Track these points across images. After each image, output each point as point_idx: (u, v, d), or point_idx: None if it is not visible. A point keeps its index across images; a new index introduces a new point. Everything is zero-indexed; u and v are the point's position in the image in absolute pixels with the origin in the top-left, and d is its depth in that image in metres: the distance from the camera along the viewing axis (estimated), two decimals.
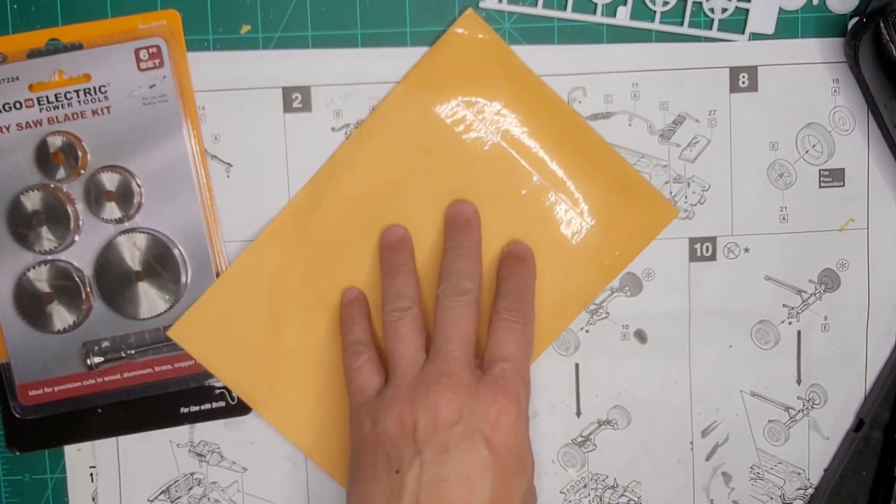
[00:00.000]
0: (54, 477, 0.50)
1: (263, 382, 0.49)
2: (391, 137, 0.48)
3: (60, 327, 0.48)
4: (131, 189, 0.47)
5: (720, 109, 0.48)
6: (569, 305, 0.49)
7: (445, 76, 0.48)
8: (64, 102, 0.47)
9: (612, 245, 0.48)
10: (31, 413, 0.49)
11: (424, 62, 0.48)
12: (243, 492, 0.50)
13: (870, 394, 0.50)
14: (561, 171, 0.48)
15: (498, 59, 0.48)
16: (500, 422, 0.42)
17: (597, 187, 0.48)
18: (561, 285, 0.48)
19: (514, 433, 0.42)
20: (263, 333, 0.48)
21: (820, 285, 0.49)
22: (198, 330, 0.48)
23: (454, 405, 0.42)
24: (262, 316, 0.48)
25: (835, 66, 0.48)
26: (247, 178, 0.49)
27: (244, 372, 0.48)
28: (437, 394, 0.42)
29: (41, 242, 0.47)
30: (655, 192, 0.48)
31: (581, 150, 0.48)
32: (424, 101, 0.48)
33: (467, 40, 0.48)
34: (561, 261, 0.48)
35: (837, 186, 0.49)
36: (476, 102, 0.48)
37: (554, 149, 0.48)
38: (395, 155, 0.48)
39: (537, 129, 0.48)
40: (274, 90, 0.48)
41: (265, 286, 0.48)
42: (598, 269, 0.49)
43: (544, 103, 0.48)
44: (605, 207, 0.48)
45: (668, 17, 0.48)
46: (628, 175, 0.48)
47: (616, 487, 0.50)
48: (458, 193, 0.48)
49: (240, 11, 0.48)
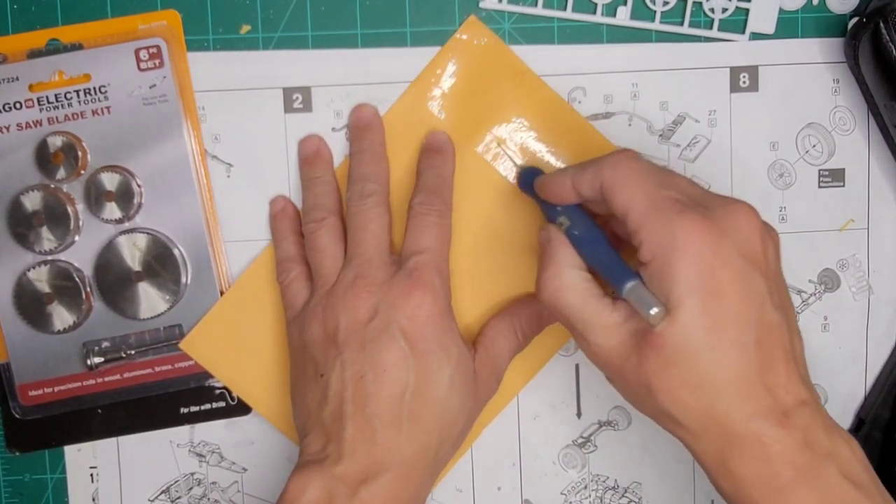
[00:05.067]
0: (54, 477, 0.50)
1: (277, 392, 0.48)
2: (395, 146, 0.48)
3: (60, 327, 0.48)
4: (131, 189, 0.47)
5: (720, 109, 0.48)
6: None
7: (449, 84, 0.48)
8: (64, 103, 0.47)
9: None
10: (31, 413, 0.49)
11: (428, 70, 0.48)
12: (243, 492, 0.50)
13: (870, 394, 0.50)
14: None
15: (502, 64, 0.48)
16: (416, 313, 0.42)
17: None
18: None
19: (431, 323, 0.42)
20: (275, 343, 0.48)
21: (820, 285, 0.49)
22: (210, 342, 0.48)
23: (369, 303, 0.42)
24: (274, 325, 0.48)
25: (835, 66, 0.48)
26: (247, 178, 0.49)
27: (258, 382, 0.49)
28: (353, 295, 0.43)
29: (41, 242, 0.47)
30: None
31: (586, 153, 0.48)
32: (429, 110, 0.48)
33: (470, 46, 0.48)
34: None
35: (837, 186, 0.49)
36: (481, 109, 0.48)
37: (559, 152, 0.48)
38: (400, 162, 0.48)
39: (542, 132, 0.48)
40: (274, 90, 0.48)
41: (276, 296, 0.48)
42: None
43: (549, 107, 0.48)
44: None
45: (668, 17, 0.48)
46: None
47: (617, 488, 0.50)
48: (463, 199, 0.48)
49: (240, 11, 0.48)
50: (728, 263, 0.36)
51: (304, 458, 0.41)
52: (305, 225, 0.46)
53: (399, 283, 0.43)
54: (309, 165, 0.48)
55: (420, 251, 0.44)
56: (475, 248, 0.48)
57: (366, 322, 0.42)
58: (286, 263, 0.47)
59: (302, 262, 0.47)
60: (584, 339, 0.39)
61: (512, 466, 0.50)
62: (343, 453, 0.41)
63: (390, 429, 0.41)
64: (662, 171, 0.39)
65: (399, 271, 0.43)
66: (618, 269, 0.38)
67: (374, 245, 0.44)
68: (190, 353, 0.48)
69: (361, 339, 0.42)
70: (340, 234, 0.46)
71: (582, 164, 0.40)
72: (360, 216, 0.45)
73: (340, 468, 0.40)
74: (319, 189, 0.47)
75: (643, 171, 0.38)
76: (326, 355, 0.43)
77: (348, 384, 0.41)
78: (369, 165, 0.46)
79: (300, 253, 0.47)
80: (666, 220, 0.36)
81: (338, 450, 0.41)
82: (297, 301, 0.46)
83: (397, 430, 0.41)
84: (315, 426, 0.42)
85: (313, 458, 0.41)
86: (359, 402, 0.41)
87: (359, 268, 0.44)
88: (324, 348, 0.43)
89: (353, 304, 0.43)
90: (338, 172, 0.48)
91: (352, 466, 0.40)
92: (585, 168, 0.40)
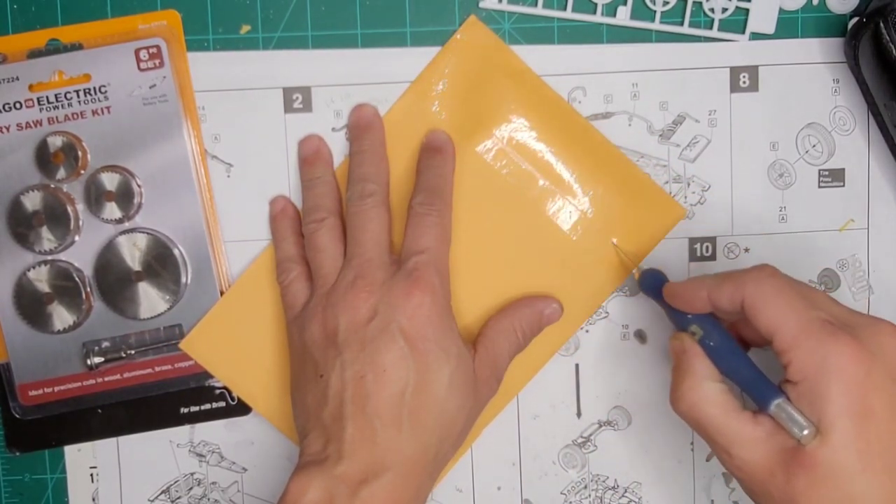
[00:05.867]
0: (54, 477, 0.50)
1: (277, 392, 0.48)
2: (395, 146, 0.48)
3: (60, 327, 0.48)
4: (131, 189, 0.47)
5: (720, 109, 0.48)
6: (578, 309, 0.49)
7: (450, 84, 0.48)
8: (64, 102, 0.47)
9: (621, 246, 0.48)
10: (31, 413, 0.49)
11: (428, 70, 0.48)
12: (243, 492, 0.50)
13: None
14: (567, 174, 0.48)
15: (502, 64, 0.48)
16: (416, 313, 0.42)
17: (603, 190, 0.48)
18: (570, 289, 0.48)
19: (430, 323, 0.42)
20: (275, 343, 0.48)
21: (820, 285, 0.49)
22: (209, 342, 0.48)
23: (369, 303, 0.42)
24: (274, 326, 0.48)
25: (835, 66, 0.48)
26: (247, 178, 0.49)
27: (258, 384, 0.49)
28: (353, 295, 0.43)
29: (41, 242, 0.47)
30: (662, 193, 0.48)
31: (586, 153, 0.48)
32: (429, 110, 0.48)
33: (470, 46, 0.48)
34: (569, 265, 0.48)
35: (837, 186, 0.49)
36: (481, 109, 0.48)
37: (560, 152, 0.48)
38: (400, 162, 0.48)
39: (543, 132, 0.48)
40: (274, 90, 0.48)
41: (276, 296, 0.48)
42: (607, 273, 0.48)
43: (549, 107, 0.48)
44: (612, 210, 0.48)
45: (668, 17, 0.48)
46: (634, 176, 0.48)
47: (617, 488, 0.50)
48: (463, 199, 0.48)
49: (240, 11, 0.48)
50: (879, 387, 0.37)
51: (305, 459, 0.41)
52: (306, 225, 0.46)
53: (399, 283, 0.43)
54: (309, 166, 0.48)
55: (420, 251, 0.44)
56: (475, 248, 0.48)
57: (365, 322, 0.42)
58: (286, 264, 0.47)
59: (302, 263, 0.47)
60: (726, 452, 0.39)
61: (512, 466, 0.50)
62: (343, 453, 0.41)
63: (390, 428, 0.41)
64: (806, 289, 0.39)
65: (399, 271, 0.43)
66: (763, 385, 0.39)
67: (373, 245, 0.44)
68: (190, 352, 0.48)
69: (361, 339, 0.42)
70: (340, 235, 0.46)
71: (719, 277, 0.41)
72: (359, 216, 0.45)
73: (341, 468, 0.40)
74: (319, 189, 0.47)
75: (788, 289, 0.39)
76: (326, 356, 0.43)
77: (348, 384, 0.41)
78: (369, 166, 0.46)
79: (300, 253, 0.47)
80: (818, 343, 0.37)
81: (338, 450, 0.41)
82: (298, 301, 0.46)
83: (397, 429, 0.41)
84: (315, 426, 0.42)
85: (313, 458, 0.41)
86: (359, 402, 0.41)
87: (359, 268, 0.44)
88: (324, 349, 0.43)
89: (352, 305, 0.43)
90: (337, 172, 0.48)
91: (352, 466, 0.40)
92: (723, 281, 0.40)
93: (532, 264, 0.48)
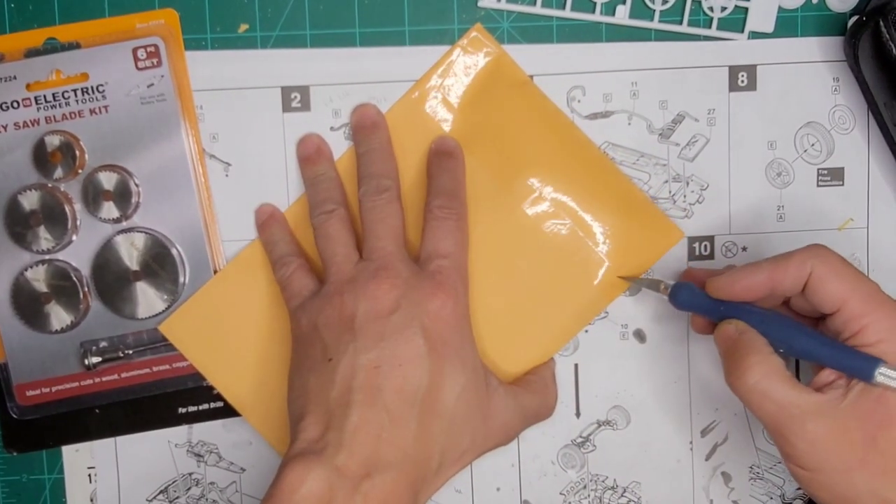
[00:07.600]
0: (52, 477, 0.50)
1: (250, 385, 0.48)
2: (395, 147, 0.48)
3: (58, 327, 0.48)
4: (129, 188, 0.47)
5: (719, 108, 0.48)
6: (570, 324, 0.49)
7: (449, 90, 0.48)
8: (62, 102, 0.47)
9: (616, 266, 0.48)
10: (28, 413, 0.49)
11: (427, 77, 0.48)
12: (241, 492, 0.50)
13: None
14: (566, 190, 0.48)
15: (503, 75, 0.48)
16: (439, 315, 0.42)
17: (602, 208, 0.48)
18: (563, 304, 0.48)
19: (451, 327, 0.42)
20: (255, 335, 0.48)
21: None
22: (189, 327, 0.48)
23: (392, 295, 0.42)
24: (256, 317, 0.48)
25: (834, 65, 0.48)
26: (245, 177, 0.48)
27: (232, 373, 0.48)
28: (375, 285, 0.42)
29: (39, 242, 0.47)
30: (661, 215, 0.48)
31: (587, 169, 0.48)
32: (428, 117, 0.48)
33: (473, 54, 0.48)
34: (564, 280, 0.48)
35: (836, 185, 0.49)
36: (480, 118, 0.48)
37: (559, 168, 0.48)
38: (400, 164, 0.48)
39: (543, 147, 0.48)
40: (273, 90, 0.48)
41: (260, 288, 0.48)
42: (602, 289, 0.48)
43: (549, 121, 0.48)
44: (610, 228, 0.48)
45: (667, 16, 0.48)
46: (634, 196, 0.48)
47: (616, 488, 0.50)
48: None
49: (238, 10, 0.48)
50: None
51: (300, 445, 0.40)
52: (315, 217, 0.46)
53: (424, 282, 0.43)
54: (311, 164, 0.47)
55: (443, 255, 0.44)
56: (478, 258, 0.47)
57: (387, 313, 0.42)
58: (284, 259, 0.47)
59: (300, 257, 0.47)
60: (799, 427, 0.39)
61: (511, 467, 0.50)
62: (343, 442, 0.40)
63: (397, 426, 0.40)
64: None
65: (422, 272, 0.43)
66: (853, 354, 0.40)
67: (393, 239, 0.44)
68: (167, 335, 0.48)
69: (381, 329, 0.41)
70: (351, 225, 0.46)
71: (773, 260, 0.41)
72: (377, 210, 0.45)
73: (341, 459, 0.39)
74: (325, 185, 0.47)
75: (847, 263, 0.41)
76: (339, 339, 0.42)
77: (359, 371, 0.41)
78: (381, 163, 0.46)
79: (296, 250, 0.47)
80: (893, 306, 0.40)
81: (338, 438, 0.40)
82: (303, 290, 0.45)
83: (404, 428, 0.40)
84: (315, 409, 0.41)
85: (310, 446, 0.40)
86: (369, 391, 0.40)
87: (382, 259, 0.43)
88: (337, 332, 0.42)
89: (374, 294, 0.42)
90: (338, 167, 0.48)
91: (353, 458, 0.39)
92: (782, 262, 0.41)
93: (533, 271, 0.48)
